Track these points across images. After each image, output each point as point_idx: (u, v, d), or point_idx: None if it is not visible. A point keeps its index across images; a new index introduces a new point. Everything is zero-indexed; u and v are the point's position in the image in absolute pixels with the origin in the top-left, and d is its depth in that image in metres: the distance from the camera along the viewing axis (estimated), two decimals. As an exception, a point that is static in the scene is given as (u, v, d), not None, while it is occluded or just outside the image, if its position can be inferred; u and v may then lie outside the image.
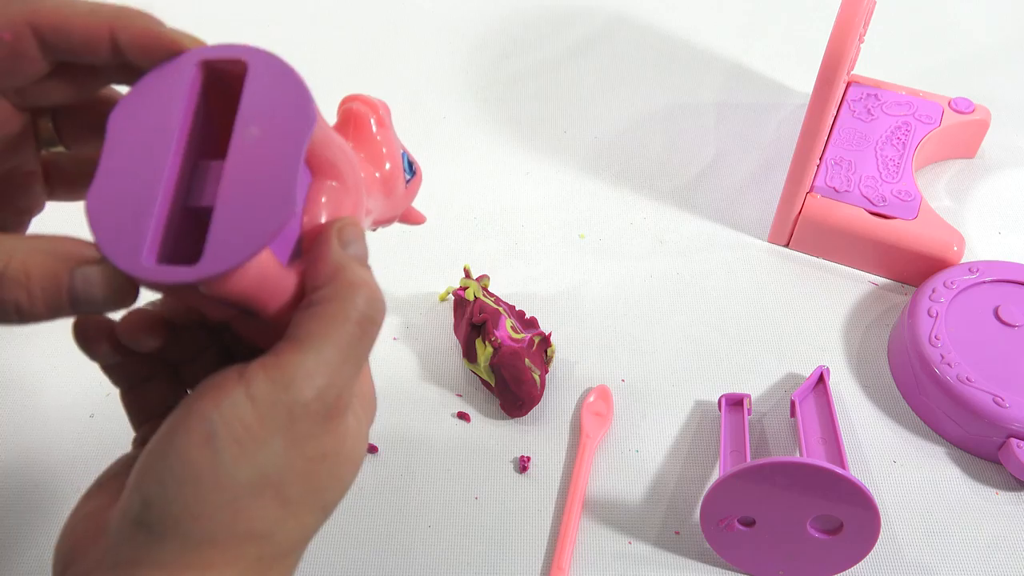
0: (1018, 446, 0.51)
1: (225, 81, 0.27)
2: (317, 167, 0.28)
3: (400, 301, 0.62)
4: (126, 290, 0.26)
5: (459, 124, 0.76)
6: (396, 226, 0.67)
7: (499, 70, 0.82)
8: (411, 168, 0.37)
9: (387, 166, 0.34)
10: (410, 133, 0.75)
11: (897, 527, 0.51)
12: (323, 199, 0.28)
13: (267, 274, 0.26)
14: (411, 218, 0.39)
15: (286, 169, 0.25)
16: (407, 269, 0.64)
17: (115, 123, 0.26)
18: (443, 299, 0.62)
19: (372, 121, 0.34)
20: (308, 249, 0.28)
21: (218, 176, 0.26)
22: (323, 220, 0.28)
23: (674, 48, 0.83)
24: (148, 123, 0.26)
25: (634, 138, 0.74)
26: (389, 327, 0.61)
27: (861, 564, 0.47)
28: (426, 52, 0.83)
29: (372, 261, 0.68)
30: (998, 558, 0.50)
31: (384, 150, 0.34)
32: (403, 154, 0.36)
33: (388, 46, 0.84)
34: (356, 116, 0.34)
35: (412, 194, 0.38)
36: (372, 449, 0.54)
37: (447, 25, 0.86)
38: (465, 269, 0.59)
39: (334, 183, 0.29)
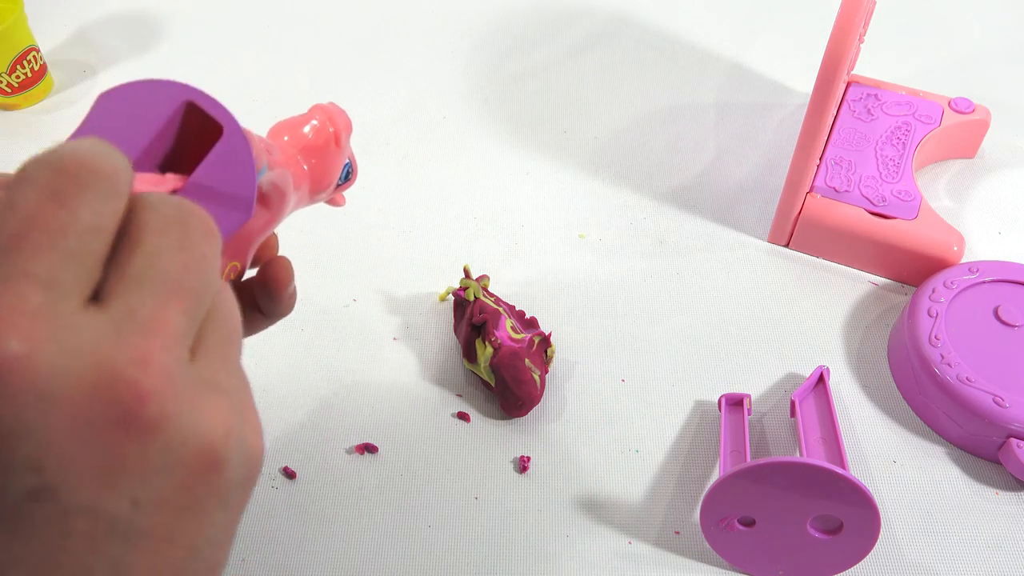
0: (1018, 446, 0.51)
1: (199, 115, 0.29)
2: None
3: (400, 301, 0.62)
4: None
5: (459, 124, 0.76)
6: (396, 226, 0.67)
7: (499, 70, 0.82)
8: (348, 175, 0.41)
9: (323, 181, 0.38)
10: (410, 133, 0.76)
11: (897, 527, 0.51)
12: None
13: None
14: (333, 201, 0.42)
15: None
16: (407, 269, 0.64)
17: (103, 104, 0.28)
18: (443, 299, 0.62)
19: (331, 143, 0.38)
20: None
21: None
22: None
23: (674, 48, 0.83)
24: (128, 120, 0.28)
25: (634, 138, 0.74)
26: (389, 327, 0.61)
27: (861, 564, 0.47)
28: (426, 52, 0.83)
29: (372, 261, 0.68)
30: (998, 558, 0.50)
31: (328, 169, 0.38)
32: (346, 163, 0.40)
33: (388, 46, 0.84)
34: (317, 134, 0.37)
35: (341, 194, 0.42)
36: (372, 449, 0.54)
37: (447, 25, 0.86)
38: (465, 269, 0.59)
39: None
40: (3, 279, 0.19)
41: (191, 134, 0.29)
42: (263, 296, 0.34)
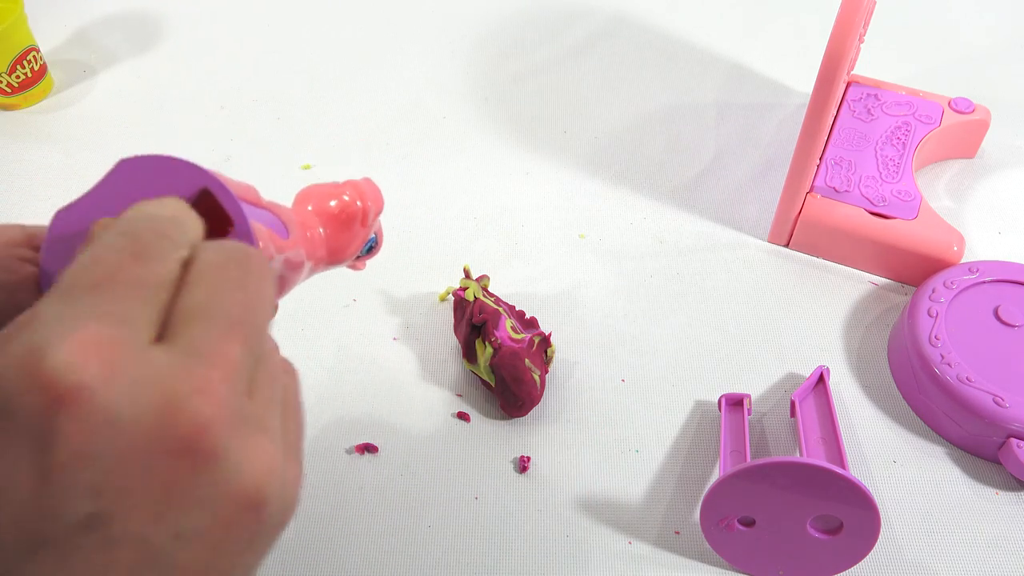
0: (1018, 446, 0.51)
1: (213, 200, 0.28)
2: None
3: (400, 301, 0.62)
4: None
5: (459, 124, 0.76)
6: (396, 226, 0.67)
7: (499, 70, 0.82)
8: (371, 248, 0.41)
9: (341, 255, 0.38)
10: (410, 133, 0.76)
11: (897, 527, 0.51)
12: None
13: None
14: (352, 267, 0.42)
15: None
16: (407, 269, 0.64)
17: (122, 170, 0.28)
18: (443, 299, 0.62)
19: (356, 222, 0.38)
20: None
21: None
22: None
23: (674, 48, 0.83)
24: (142, 193, 0.27)
25: (634, 138, 0.74)
26: (389, 327, 0.61)
27: (861, 564, 0.47)
28: (426, 52, 0.83)
29: (372, 261, 0.68)
30: (998, 558, 0.50)
31: (348, 244, 0.38)
32: (372, 237, 0.40)
33: (388, 46, 0.84)
34: (343, 210, 0.37)
35: (361, 262, 0.42)
36: (372, 449, 0.54)
37: (447, 25, 0.86)
38: (465, 269, 0.59)
39: None
40: (84, 316, 0.21)
41: (206, 213, 0.28)
42: None
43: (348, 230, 0.37)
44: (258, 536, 0.23)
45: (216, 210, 0.28)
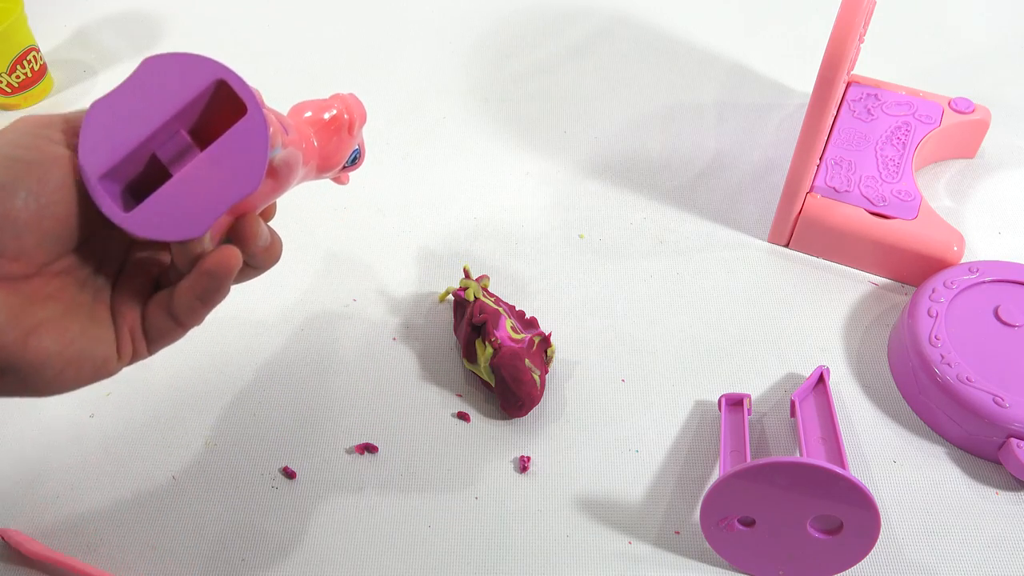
0: (1018, 446, 0.51)
1: (230, 91, 0.33)
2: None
3: (400, 301, 0.62)
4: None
5: (459, 124, 0.76)
6: (396, 226, 0.67)
7: (499, 70, 0.82)
8: (355, 159, 0.46)
9: (331, 161, 0.43)
10: (410, 133, 0.76)
11: (897, 527, 0.51)
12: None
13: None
14: (337, 179, 0.48)
15: (214, 204, 0.32)
16: (407, 269, 0.64)
17: (148, 67, 0.33)
18: (443, 299, 0.62)
19: (344, 130, 0.43)
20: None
21: (185, 159, 0.33)
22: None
23: (674, 48, 0.84)
24: (165, 86, 0.32)
25: (634, 138, 0.74)
26: (389, 327, 0.61)
27: (861, 564, 0.47)
28: (426, 52, 0.84)
29: (372, 259, 0.68)
30: (998, 558, 0.50)
31: (337, 151, 0.43)
32: (355, 149, 0.45)
33: (388, 46, 0.84)
34: (333, 120, 0.42)
35: (346, 173, 0.48)
36: (372, 449, 0.54)
37: (447, 25, 0.86)
38: (465, 269, 0.59)
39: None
40: None
41: (222, 105, 0.33)
42: (240, 249, 0.37)
43: (336, 136, 0.42)
44: None
45: (232, 98, 0.33)
